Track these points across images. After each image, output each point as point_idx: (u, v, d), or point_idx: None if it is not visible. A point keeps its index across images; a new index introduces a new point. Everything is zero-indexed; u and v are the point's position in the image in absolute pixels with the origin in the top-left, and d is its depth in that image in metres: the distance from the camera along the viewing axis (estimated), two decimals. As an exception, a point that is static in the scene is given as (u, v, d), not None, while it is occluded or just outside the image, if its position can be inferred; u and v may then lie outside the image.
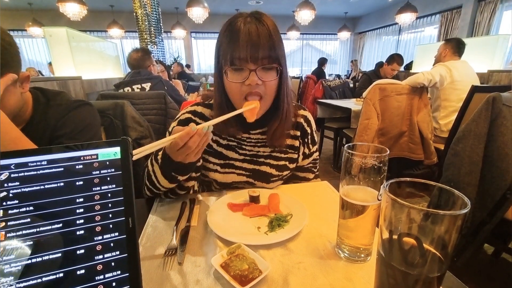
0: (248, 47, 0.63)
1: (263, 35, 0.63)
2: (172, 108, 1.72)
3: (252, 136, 0.80)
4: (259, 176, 0.80)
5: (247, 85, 0.66)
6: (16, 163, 0.35)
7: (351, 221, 0.48)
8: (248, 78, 0.65)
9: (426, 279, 0.33)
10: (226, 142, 0.80)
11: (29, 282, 0.32)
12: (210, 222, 0.59)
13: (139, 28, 4.40)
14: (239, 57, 0.64)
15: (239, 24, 0.64)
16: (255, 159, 0.80)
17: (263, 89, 0.68)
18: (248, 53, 0.63)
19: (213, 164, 0.79)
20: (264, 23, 0.65)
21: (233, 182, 0.80)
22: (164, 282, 0.46)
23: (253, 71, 0.65)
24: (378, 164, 0.45)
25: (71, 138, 0.80)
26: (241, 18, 0.66)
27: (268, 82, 0.68)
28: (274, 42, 0.65)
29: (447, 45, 2.34)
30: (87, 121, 0.85)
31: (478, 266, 1.53)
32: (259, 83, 0.66)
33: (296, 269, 0.49)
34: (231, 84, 0.68)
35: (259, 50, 0.63)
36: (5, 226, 0.33)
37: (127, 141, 0.39)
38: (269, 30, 0.64)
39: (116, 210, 0.37)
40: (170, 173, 0.64)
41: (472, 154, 1.25)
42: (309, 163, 0.87)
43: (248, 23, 0.64)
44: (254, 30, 0.63)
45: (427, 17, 6.90)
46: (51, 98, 0.83)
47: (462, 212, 0.29)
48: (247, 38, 0.63)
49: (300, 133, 0.83)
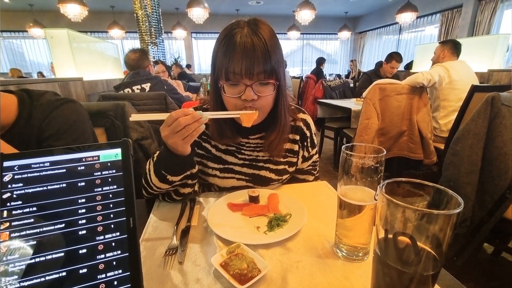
0: (243, 63, 0.62)
1: (259, 50, 0.62)
2: (173, 108, 1.73)
3: (251, 141, 0.80)
4: (259, 181, 0.80)
5: (243, 99, 0.66)
6: (19, 165, 0.36)
7: (348, 220, 0.49)
8: (244, 93, 0.65)
9: (421, 277, 0.33)
10: (225, 147, 0.80)
11: (33, 281, 0.32)
12: (210, 222, 0.60)
13: (140, 29, 4.42)
14: (234, 72, 0.63)
15: (236, 37, 0.63)
16: (255, 164, 0.80)
17: (259, 103, 0.67)
18: (243, 68, 0.62)
19: (212, 169, 0.80)
20: (261, 36, 0.63)
21: (232, 187, 0.80)
22: (164, 281, 0.46)
23: (249, 87, 0.64)
24: (375, 165, 0.45)
25: (58, 139, 0.78)
26: (239, 29, 0.64)
27: (265, 97, 0.67)
28: (270, 56, 0.64)
29: (444, 47, 2.35)
30: (72, 119, 0.82)
31: (478, 265, 1.54)
32: (255, 98, 0.66)
33: (294, 268, 0.49)
34: (228, 98, 0.68)
35: (254, 66, 0.62)
36: (9, 226, 0.34)
37: (127, 142, 0.40)
38: (265, 44, 0.63)
39: (117, 211, 0.37)
40: (160, 171, 0.64)
41: (472, 153, 1.26)
42: (308, 166, 0.88)
43: (244, 36, 0.63)
44: (250, 44, 0.62)
45: (427, 16, 6.89)
46: (35, 98, 0.80)
47: (455, 212, 0.30)
48: (242, 54, 0.62)
49: (300, 136, 0.83)
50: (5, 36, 8.32)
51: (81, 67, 2.65)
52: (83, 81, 2.36)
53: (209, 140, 0.80)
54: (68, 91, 2.12)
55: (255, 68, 0.63)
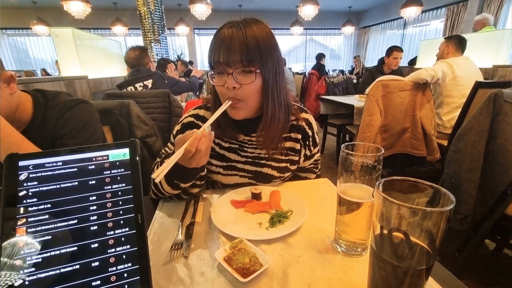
0: (221, 51, 0.66)
1: (237, 39, 0.65)
2: (177, 106, 1.75)
3: (253, 139, 0.82)
4: (261, 178, 0.82)
5: (226, 87, 0.68)
6: (34, 164, 0.38)
7: (347, 217, 0.51)
8: (226, 81, 0.68)
9: (415, 271, 0.35)
10: (228, 145, 0.82)
11: (48, 273, 0.35)
12: (214, 218, 0.62)
13: (143, 26, 4.42)
14: (215, 61, 0.68)
15: (222, 30, 0.67)
16: (257, 161, 0.82)
17: (242, 92, 0.69)
18: (221, 56, 0.66)
19: (216, 167, 0.82)
20: (242, 28, 0.66)
21: (236, 184, 0.82)
22: (171, 274, 0.49)
23: (230, 75, 0.67)
24: (373, 163, 0.47)
25: (72, 137, 0.81)
26: (229, 24, 0.68)
27: (246, 86, 0.68)
28: (247, 44, 0.65)
29: (449, 43, 2.32)
30: (85, 119, 0.86)
31: (480, 262, 1.55)
32: (236, 86, 0.67)
33: (295, 262, 0.51)
34: (215, 86, 0.72)
35: (230, 54, 0.65)
36: (26, 222, 0.36)
37: (135, 142, 0.42)
38: (244, 34, 0.65)
39: (126, 207, 0.39)
40: (173, 181, 0.67)
41: (474, 150, 1.26)
42: (310, 164, 0.89)
43: (229, 28, 0.66)
44: (229, 34, 0.65)
45: (432, 10, 6.79)
46: (50, 99, 0.84)
47: (447, 209, 0.31)
48: (220, 42, 0.66)
49: (302, 136, 0.84)
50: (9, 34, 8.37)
51: (85, 65, 2.68)
52: (88, 79, 2.39)
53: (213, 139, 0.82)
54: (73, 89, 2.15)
55: (232, 56, 0.65)
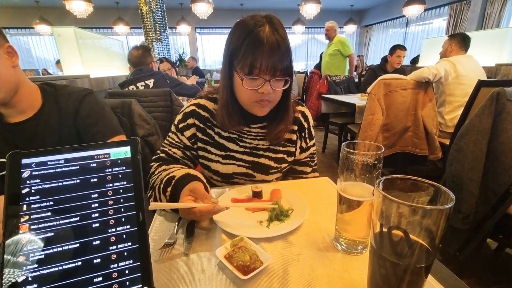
0: (270, 60, 0.66)
1: (283, 48, 0.67)
2: (178, 105, 1.75)
3: (252, 129, 0.84)
4: (259, 168, 0.84)
5: (260, 92, 0.70)
6: (36, 162, 0.38)
7: (347, 215, 0.51)
8: (262, 87, 0.69)
9: (414, 269, 0.35)
10: (227, 134, 0.84)
11: (51, 269, 0.35)
12: (215, 216, 0.62)
13: (145, 25, 4.42)
14: (259, 68, 0.67)
15: (261, 34, 0.66)
16: (255, 152, 0.84)
17: (272, 96, 0.73)
18: (270, 65, 0.67)
19: (215, 155, 0.83)
20: (282, 34, 0.68)
21: (233, 173, 0.84)
22: (172, 271, 0.49)
23: (267, 82, 0.69)
24: (373, 162, 0.47)
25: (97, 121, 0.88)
26: (261, 27, 0.67)
27: (278, 91, 0.74)
28: (290, 54, 0.69)
29: (452, 41, 2.31)
30: (101, 104, 0.92)
31: (482, 261, 1.54)
32: (271, 91, 0.71)
33: (295, 260, 0.51)
34: (245, 89, 0.71)
35: (279, 64, 0.67)
36: (29, 219, 0.36)
37: (136, 141, 0.42)
38: (286, 43, 0.68)
39: (127, 205, 0.40)
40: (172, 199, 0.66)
41: (476, 149, 1.25)
42: (306, 157, 0.91)
43: (269, 35, 0.66)
44: (275, 43, 0.66)
45: (435, 8, 6.74)
46: (58, 88, 0.88)
47: (447, 207, 0.31)
48: (269, 52, 0.66)
49: (298, 127, 0.88)
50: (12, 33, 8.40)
51: (87, 64, 2.68)
52: (90, 78, 2.40)
53: (213, 127, 0.83)
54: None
55: (279, 65, 0.68)
